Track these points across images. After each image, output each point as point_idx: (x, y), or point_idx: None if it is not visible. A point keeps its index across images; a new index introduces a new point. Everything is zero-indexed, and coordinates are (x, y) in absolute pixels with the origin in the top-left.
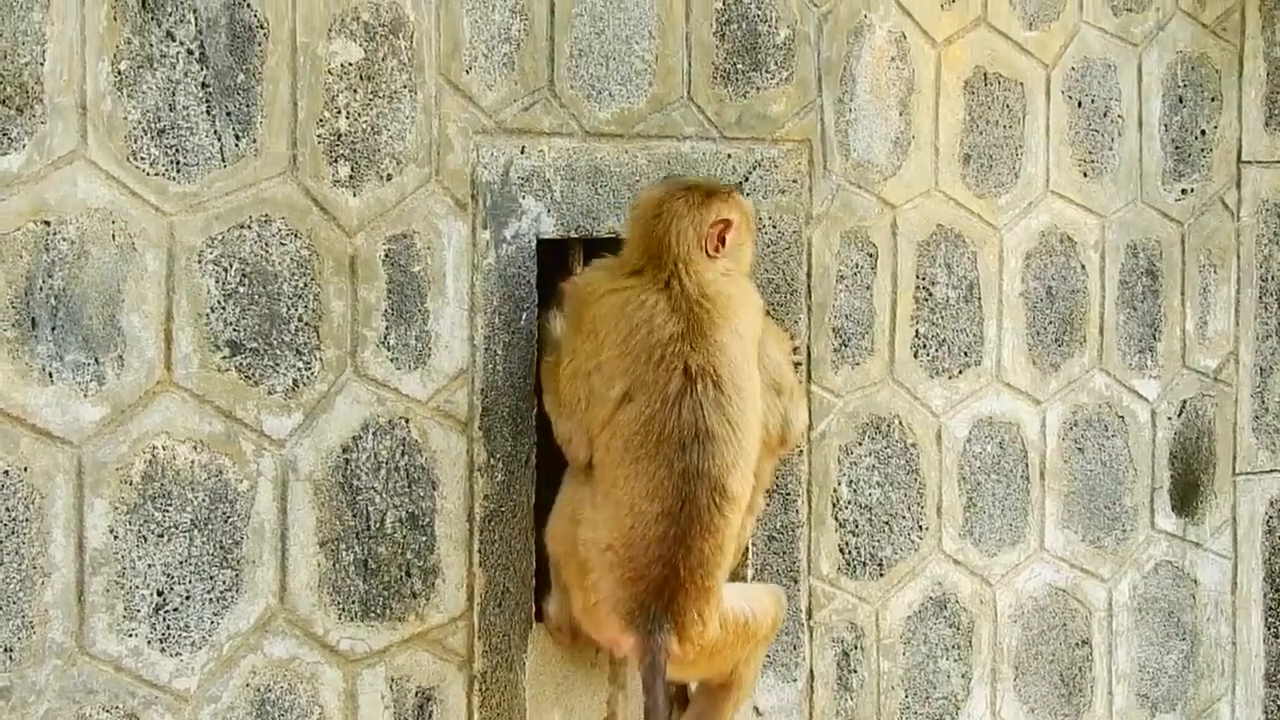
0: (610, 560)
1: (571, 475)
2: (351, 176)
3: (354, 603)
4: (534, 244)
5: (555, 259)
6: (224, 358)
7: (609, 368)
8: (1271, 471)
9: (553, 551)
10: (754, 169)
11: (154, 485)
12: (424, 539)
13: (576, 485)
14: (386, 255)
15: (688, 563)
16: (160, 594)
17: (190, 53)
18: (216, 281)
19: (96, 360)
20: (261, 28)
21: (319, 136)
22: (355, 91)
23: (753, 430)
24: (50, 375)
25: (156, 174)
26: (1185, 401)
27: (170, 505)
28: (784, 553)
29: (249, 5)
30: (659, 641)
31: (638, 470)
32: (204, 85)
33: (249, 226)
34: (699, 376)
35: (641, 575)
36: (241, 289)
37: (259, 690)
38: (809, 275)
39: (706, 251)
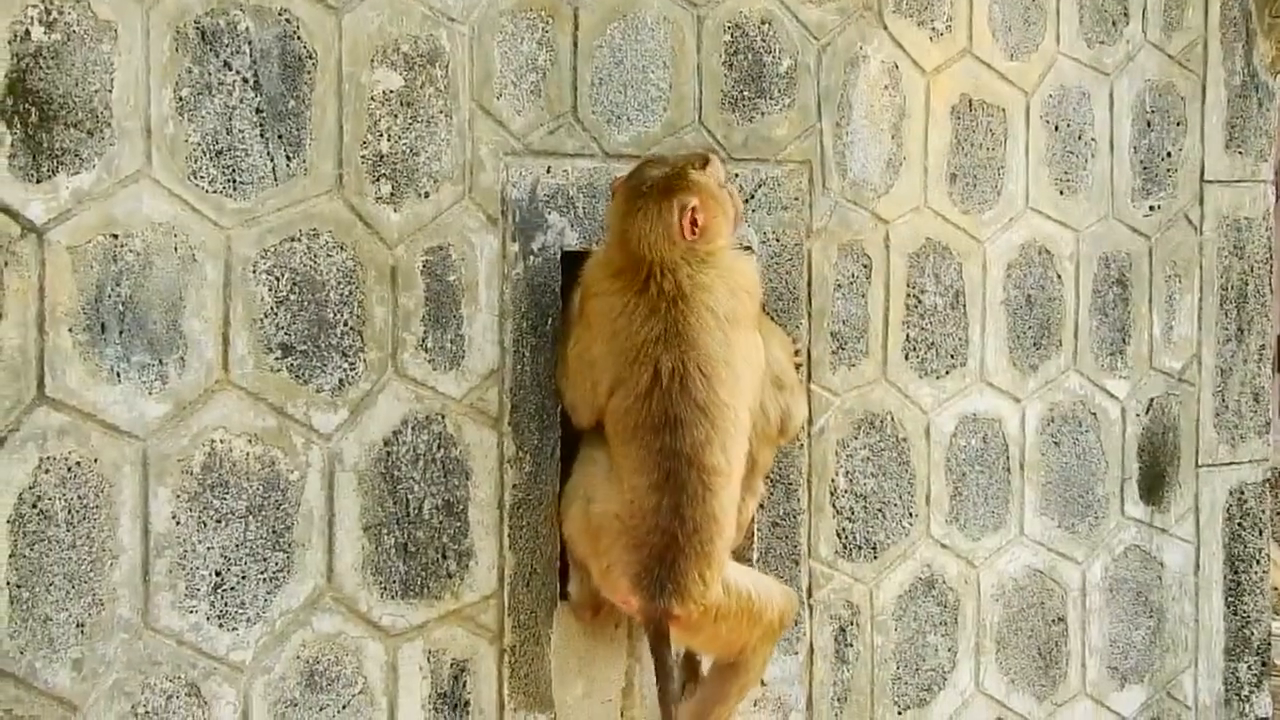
0: (618, 528)
1: (580, 463)
2: (392, 194)
3: (395, 582)
4: (559, 255)
5: (578, 268)
6: (276, 359)
7: (600, 362)
8: (1230, 464)
9: (566, 533)
10: (759, 188)
11: (212, 475)
12: (458, 524)
13: (585, 469)
14: (424, 266)
15: (684, 530)
16: (218, 574)
17: (245, 81)
18: (269, 290)
19: (160, 361)
20: (310, 58)
21: (363, 157)
22: (396, 116)
23: (728, 407)
24: (118, 375)
25: (215, 192)
26: (1152, 400)
27: (227, 493)
28: (786, 537)
29: (299, 37)
30: (661, 605)
31: (627, 451)
32: (258, 111)
33: (299, 240)
34: (667, 375)
35: (644, 542)
36: (292, 297)
37: (308, 662)
38: (809, 284)
39: (684, 236)
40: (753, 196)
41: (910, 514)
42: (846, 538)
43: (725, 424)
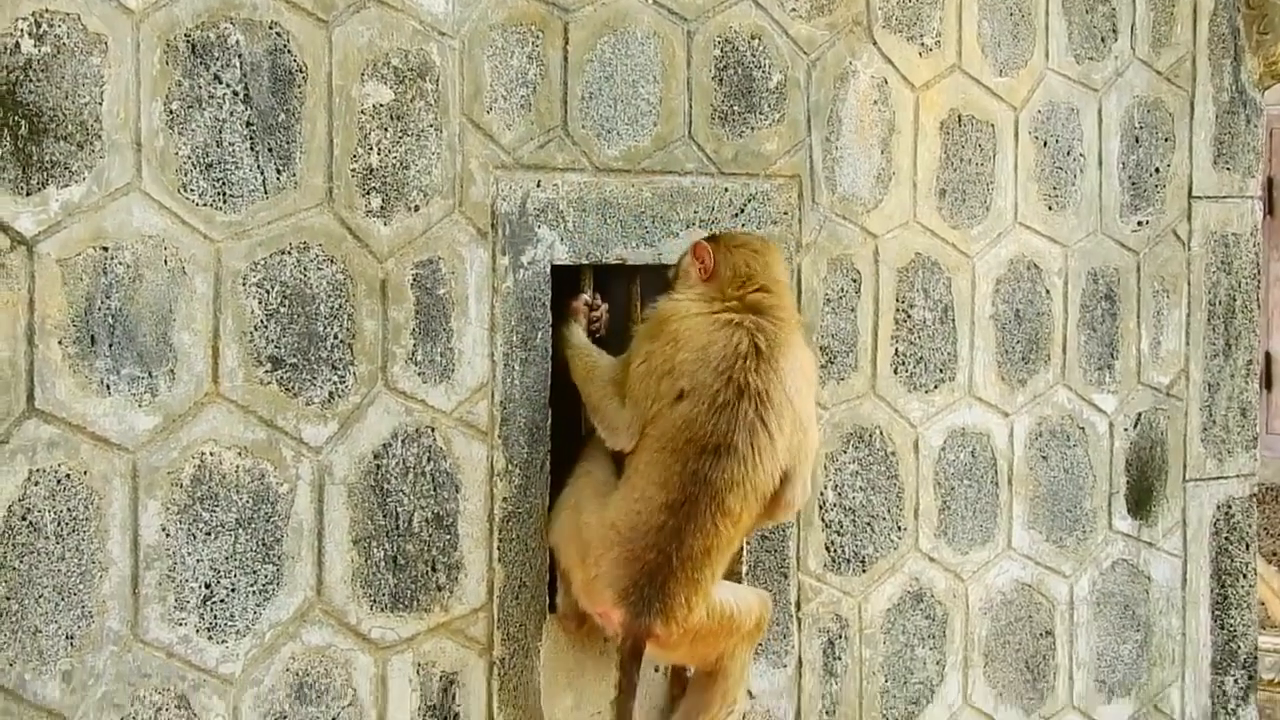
0: (611, 538)
1: (574, 475)
2: (383, 207)
3: (384, 595)
4: (549, 269)
5: (568, 283)
6: (266, 372)
7: (679, 369)
8: (1218, 478)
9: (552, 540)
10: (749, 202)
11: (202, 488)
12: (448, 537)
13: (579, 480)
14: (414, 279)
15: (680, 554)
16: (208, 586)
17: (236, 94)
18: (259, 303)
19: (150, 374)
20: (301, 71)
21: (353, 171)
22: (386, 130)
23: (773, 459)
24: (108, 388)
25: (205, 205)
26: (1140, 414)
27: (217, 506)
28: (775, 551)
29: (290, 51)
30: (644, 624)
31: (660, 459)
32: (248, 124)
33: (289, 253)
34: (751, 396)
35: (639, 558)
36: (282, 309)
37: (298, 675)
38: (799, 299)
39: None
40: (742, 211)
41: (899, 527)
42: (835, 551)
43: (763, 472)
